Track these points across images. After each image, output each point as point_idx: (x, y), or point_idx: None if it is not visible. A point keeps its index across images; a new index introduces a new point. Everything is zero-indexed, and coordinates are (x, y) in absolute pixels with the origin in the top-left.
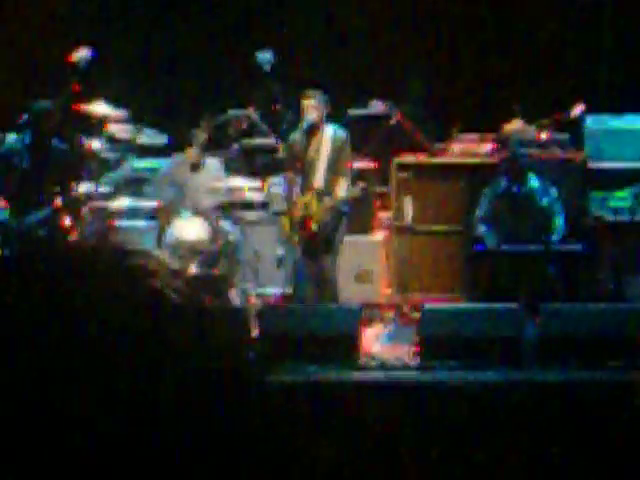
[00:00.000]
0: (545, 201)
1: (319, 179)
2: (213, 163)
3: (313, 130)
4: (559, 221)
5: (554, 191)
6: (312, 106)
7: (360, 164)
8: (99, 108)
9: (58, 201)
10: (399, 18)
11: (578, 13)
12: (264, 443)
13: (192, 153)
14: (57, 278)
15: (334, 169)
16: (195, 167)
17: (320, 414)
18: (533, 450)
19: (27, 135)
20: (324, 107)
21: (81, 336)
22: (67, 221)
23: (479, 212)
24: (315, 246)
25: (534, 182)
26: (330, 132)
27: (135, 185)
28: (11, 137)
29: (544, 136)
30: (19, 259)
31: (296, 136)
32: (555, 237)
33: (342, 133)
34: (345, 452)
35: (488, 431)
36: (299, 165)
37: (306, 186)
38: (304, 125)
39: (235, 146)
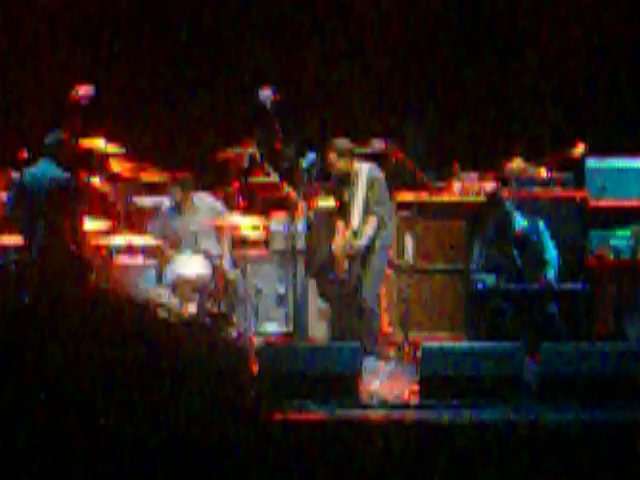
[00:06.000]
0: (535, 237)
1: (355, 220)
2: (206, 200)
3: (344, 178)
4: (551, 254)
5: (542, 224)
6: (336, 158)
7: None
8: (100, 145)
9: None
10: (401, 56)
11: (581, 53)
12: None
13: (174, 193)
14: (85, 332)
15: (366, 208)
16: (179, 207)
17: (319, 452)
18: None
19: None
20: (349, 152)
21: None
22: None
23: (472, 265)
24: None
25: (522, 221)
26: (365, 173)
27: (136, 221)
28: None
29: (545, 175)
30: (42, 310)
31: (331, 184)
32: (551, 271)
33: (375, 173)
34: None
35: (488, 470)
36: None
37: (344, 227)
38: (334, 180)
39: (237, 183)
